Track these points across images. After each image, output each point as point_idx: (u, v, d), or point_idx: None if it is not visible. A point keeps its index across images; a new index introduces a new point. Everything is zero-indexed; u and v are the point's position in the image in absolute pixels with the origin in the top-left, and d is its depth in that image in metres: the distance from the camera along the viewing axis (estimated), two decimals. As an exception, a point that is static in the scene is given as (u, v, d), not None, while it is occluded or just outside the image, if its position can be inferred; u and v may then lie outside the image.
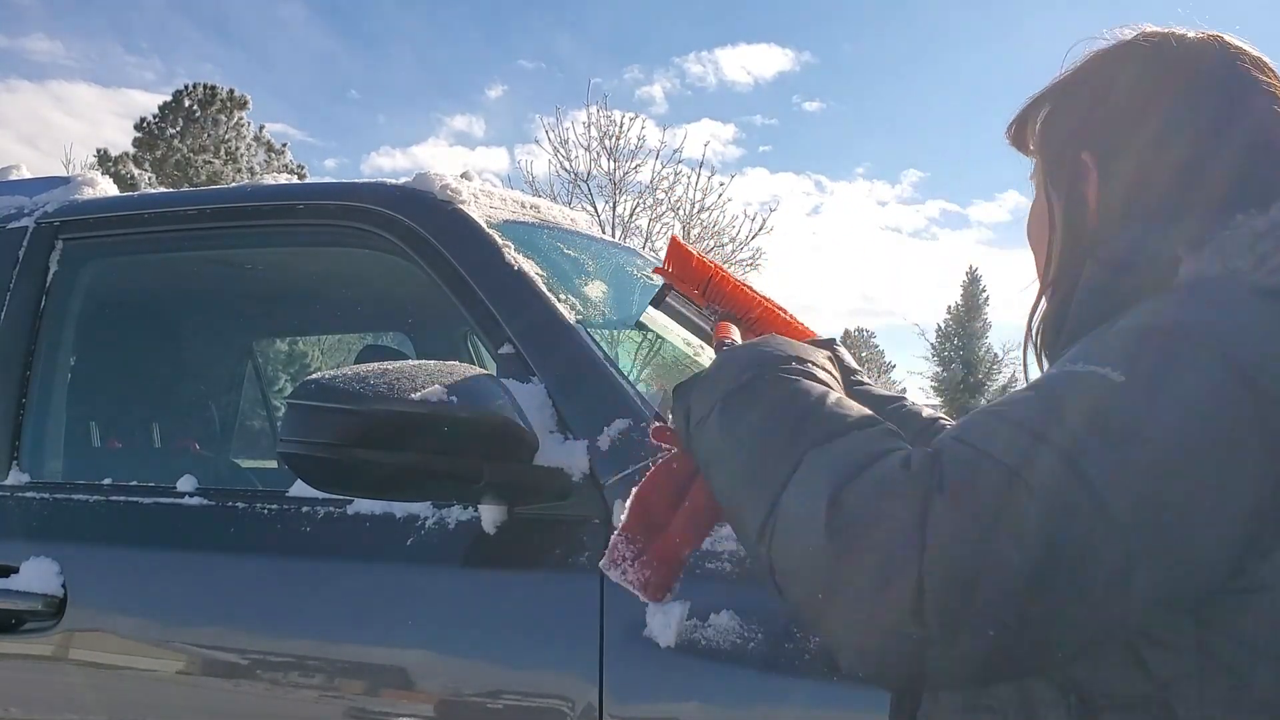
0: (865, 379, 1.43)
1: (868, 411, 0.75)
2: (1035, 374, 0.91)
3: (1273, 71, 0.88)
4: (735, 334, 1.36)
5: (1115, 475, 0.62)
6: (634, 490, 0.91)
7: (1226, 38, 0.89)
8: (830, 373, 0.84)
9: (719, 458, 0.77)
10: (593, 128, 16.98)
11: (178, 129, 27.72)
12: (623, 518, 0.90)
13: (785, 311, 1.45)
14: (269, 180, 2.16)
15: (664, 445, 0.90)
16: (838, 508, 0.64)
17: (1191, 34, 0.90)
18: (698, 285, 1.42)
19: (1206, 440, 0.64)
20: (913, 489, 0.63)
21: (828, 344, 1.35)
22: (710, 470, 0.79)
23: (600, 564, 0.94)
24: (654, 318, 1.51)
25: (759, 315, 1.43)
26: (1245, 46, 0.89)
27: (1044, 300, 0.92)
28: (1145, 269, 0.81)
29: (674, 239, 1.49)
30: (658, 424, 0.92)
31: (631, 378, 1.51)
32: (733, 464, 0.75)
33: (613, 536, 0.92)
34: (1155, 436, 0.64)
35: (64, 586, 1.57)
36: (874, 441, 0.70)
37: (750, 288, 1.45)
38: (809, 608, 0.67)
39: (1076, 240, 0.90)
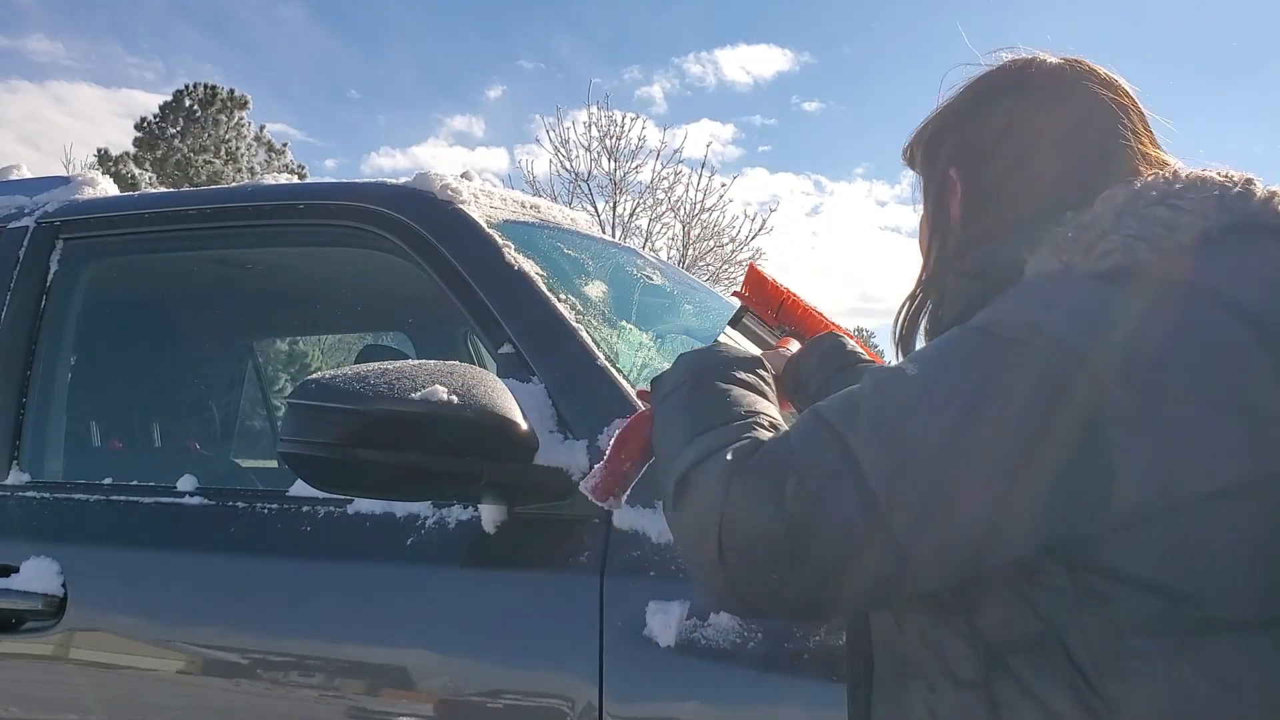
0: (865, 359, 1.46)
1: (766, 410, 0.89)
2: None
3: (1123, 91, 0.96)
4: (793, 346, 1.47)
5: (878, 458, 0.74)
6: (616, 431, 1.09)
7: (1083, 61, 0.98)
8: (762, 379, 0.97)
9: (658, 428, 0.95)
10: (593, 128, 16.99)
11: (178, 129, 27.72)
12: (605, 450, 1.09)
13: (849, 334, 1.54)
14: (269, 180, 2.16)
15: (644, 403, 1.14)
16: (683, 484, 0.81)
17: (1052, 59, 0.98)
18: (771, 308, 1.53)
19: (980, 433, 0.73)
20: (726, 469, 0.78)
21: (827, 335, 1.40)
22: (654, 434, 0.96)
23: (579, 483, 1.13)
24: (731, 337, 1.59)
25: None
26: (1098, 68, 0.97)
27: (912, 301, 1.02)
28: (997, 275, 0.88)
29: (752, 266, 1.60)
30: (642, 388, 1.09)
31: (632, 377, 1.51)
32: (662, 434, 0.92)
33: (595, 465, 1.10)
34: (924, 426, 0.74)
35: (64, 586, 1.57)
36: (738, 433, 0.83)
37: (819, 311, 1.55)
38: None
39: (942, 248, 0.99)
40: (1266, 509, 0.75)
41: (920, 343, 1.02)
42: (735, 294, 1.62)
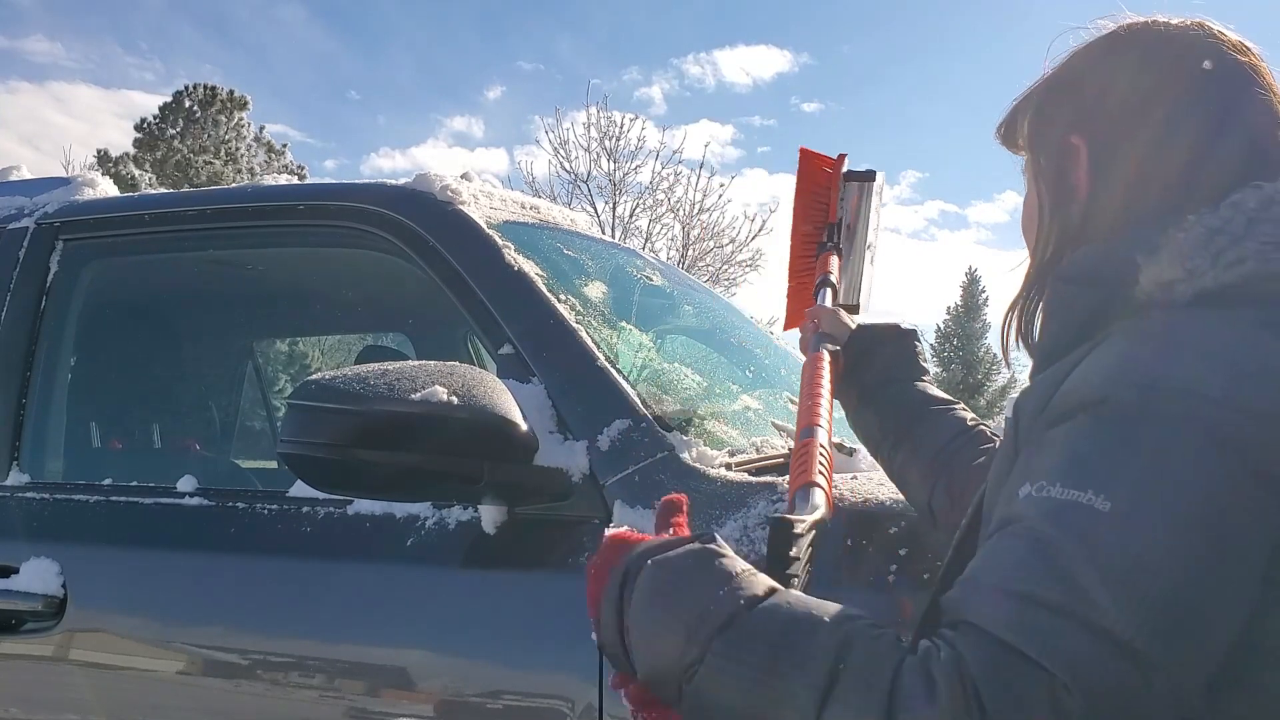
0: (928, 378, 1.39)
1: (820, 612, 0.70)
2: (1022, 365, 0.96)
3: (1253, 53, 0.88)
4: (834, 267, 1.45)
5: (1141, 619, 0.62)
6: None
7: (1208, 23, 0.89)
8: (722, 554, 0.78)
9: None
10: (592, 128, 16.99)
11: (178, 130, 27.73)
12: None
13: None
14: (269, 181, 2.16)
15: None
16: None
17: (1175, 21, 0.89)
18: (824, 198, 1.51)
19: (1211, 543, 0.64)
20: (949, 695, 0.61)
21: (910, 334, 1.38)
22: None
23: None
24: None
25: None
26: (1226, 32, 0.88)
27: (1025, 301, 0.93)
28: (1112, 280, 0.80)
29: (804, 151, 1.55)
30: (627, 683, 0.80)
31: (632, 378, 1.51)
32: None
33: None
34: (1159, 563, 0.63)
35: (64, 587, 1.57)
36: (871, 671, 0.65)
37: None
38: None
39: (1065, 230, 0.90)
40: None
41: (1023, 354, 0.93)
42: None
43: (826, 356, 1.28)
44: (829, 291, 1.48)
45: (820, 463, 1.05)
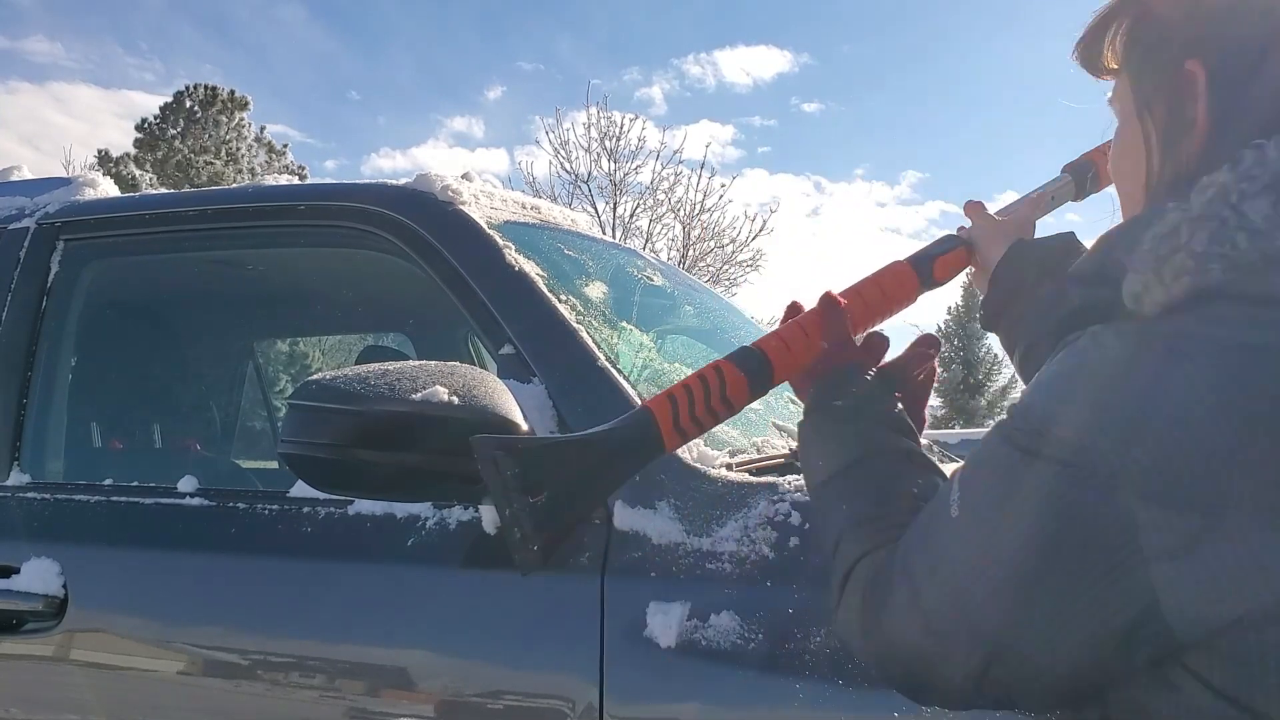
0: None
1: (882, 485, 0.88)
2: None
3: None
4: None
5: (939, 611, 0.72)
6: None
7: None
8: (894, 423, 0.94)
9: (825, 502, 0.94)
10: (593, 129, 17.00)
11: (178, 130, 27.74)
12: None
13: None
14: (270, 181, 2.16)
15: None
16: (842, 585, 0.85)
17: None
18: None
19: (1031, 576, 0.66)
20: (860, 588, 0.81)
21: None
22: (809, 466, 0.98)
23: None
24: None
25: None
26: None
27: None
28: (1112, 282, 0.72)
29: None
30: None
31: (632, 378, 1.51)
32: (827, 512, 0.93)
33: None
34: (970, 575, 0.69)
35: (65, 587, 1.57)
36: (884, 536, 0.82)
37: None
38: None
39: (1178, 174, 0.77)
40: None
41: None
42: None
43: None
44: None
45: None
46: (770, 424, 1.76)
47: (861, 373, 1.00)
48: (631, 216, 17.27)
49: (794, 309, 1.12)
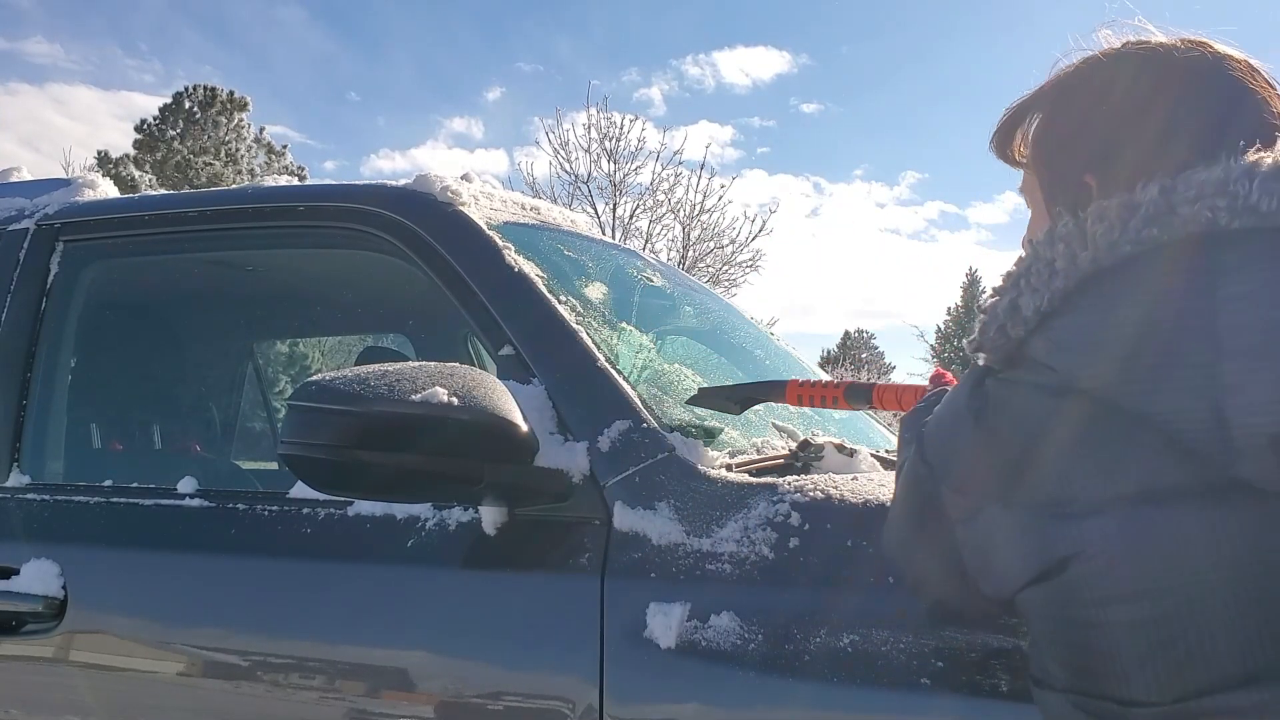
0: None
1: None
2: None
3: (1263, 77, 0.89)
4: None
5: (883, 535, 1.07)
6: None
7: (1212, 44, 0.90)
8: None
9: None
10: (592, 129, 17.01)
11: (178, 131, 27.74)
12: None
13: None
14: (269, 182, 2.16)
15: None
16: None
17: (1178, 41, 0.90)
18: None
19: (903, 509, 0.98)
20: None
21: None
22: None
23: None
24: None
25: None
26: (1232, 52, 0.89)
27: None
28: None
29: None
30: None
31: (632, 379, 1.51)
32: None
33: None
34: (890, 517, 1.03)
35: (64, 588, 1.57)
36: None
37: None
38: None
39: None
40: (1052, 597, 0.81)
41: None
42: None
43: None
44: None
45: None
46: (770, 425, 1.76)
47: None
48: (631, 217, 17.28)
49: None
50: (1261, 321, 0.73)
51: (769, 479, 1.34)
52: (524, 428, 1.31)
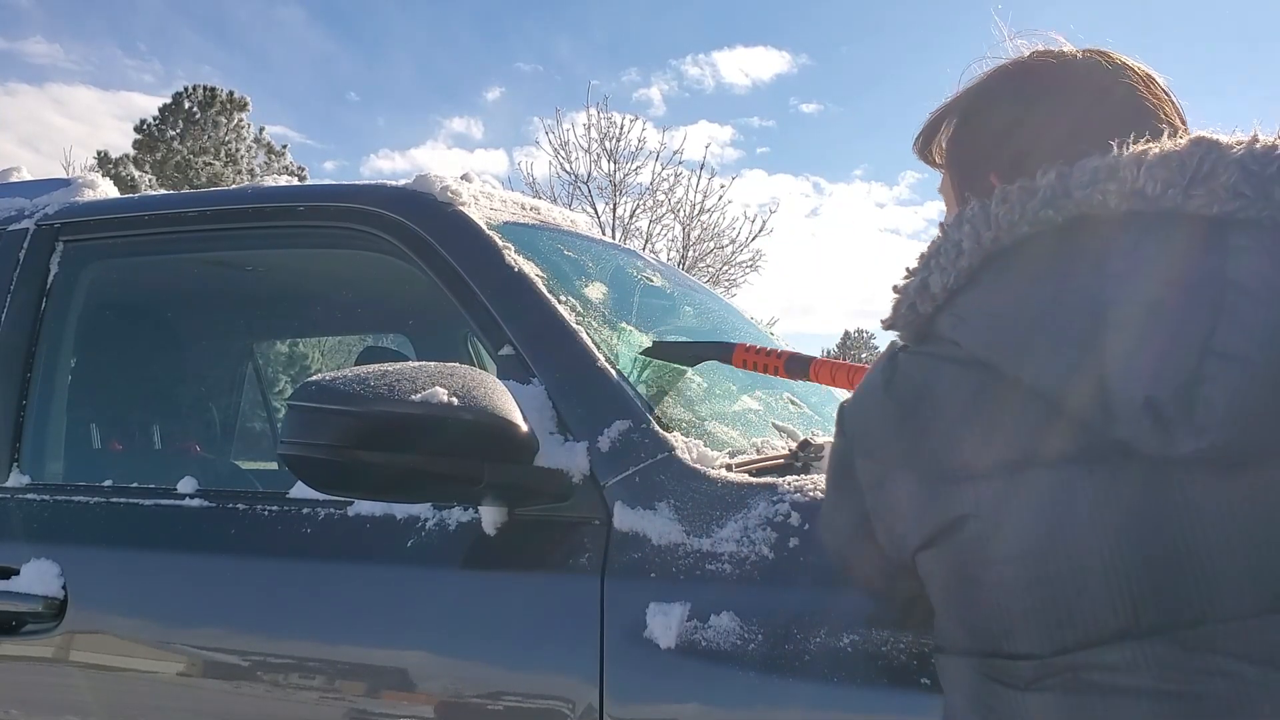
0: None
1: None
2: None
3: (1159, 86, 0.95)
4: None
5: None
6: None
7: (1112, 54, 0.96)
8: None
9: None
10: (592, 129, 17.02)
11: (178, 131, 27.75)
12: None
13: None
14: (269, 182, 2.16)
15: None
16: None
17: (1080, 51, 0.96)
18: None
19: (828, 484, 1.03)
20: None
21: None
22: None
23: None
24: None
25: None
26: (1129, 62, 0.96)
27: None
28: None
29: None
30: None
31: (632, 379, 1.51)
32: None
33: None
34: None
35: (64, 588, 1.57)
36: None
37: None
38: None
39: None
40: (946, 557, 0.86)
41: None
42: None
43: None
44: None
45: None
46: (770, 424, 1.76)
47: None
48: (631, 217, 17.28)
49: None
50: (1143, 296, 0.78)
51: (769, 479, 1.34)
52: (524, 428, 1.31)
